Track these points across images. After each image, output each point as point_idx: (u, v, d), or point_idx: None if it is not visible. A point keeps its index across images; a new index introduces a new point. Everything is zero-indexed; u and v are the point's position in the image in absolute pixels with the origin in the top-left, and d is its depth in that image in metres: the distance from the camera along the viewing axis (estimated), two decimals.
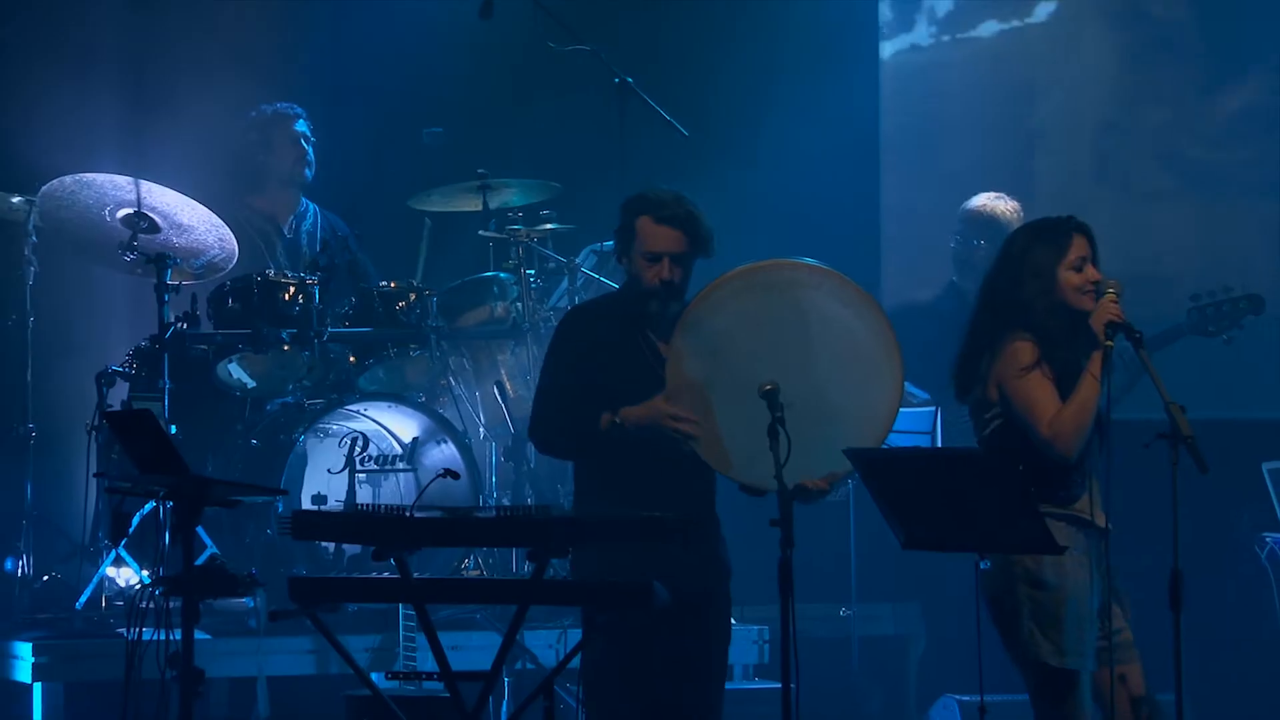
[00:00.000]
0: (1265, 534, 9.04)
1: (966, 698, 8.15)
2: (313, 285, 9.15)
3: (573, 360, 7.39)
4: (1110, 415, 7.03)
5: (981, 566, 7.06)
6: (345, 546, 8.82)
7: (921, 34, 10.75)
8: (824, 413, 7.21)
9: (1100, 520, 7.04)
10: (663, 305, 7.32)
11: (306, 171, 9.99)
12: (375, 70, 10.29)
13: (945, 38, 10.73)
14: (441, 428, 9.20)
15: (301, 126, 9.96)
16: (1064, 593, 7.07)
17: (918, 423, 9.05)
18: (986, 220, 9.85)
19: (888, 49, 10.75)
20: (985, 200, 9.91)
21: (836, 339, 7.32)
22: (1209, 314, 8.76)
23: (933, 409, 9.17)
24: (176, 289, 9.11)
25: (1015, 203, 9.89)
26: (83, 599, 8.75)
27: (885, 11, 10.79)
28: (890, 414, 7.32)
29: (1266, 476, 9.08)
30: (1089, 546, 7.06)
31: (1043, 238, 7.19)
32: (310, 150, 9.95)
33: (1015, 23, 10.72)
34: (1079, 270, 7.11)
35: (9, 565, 9.06)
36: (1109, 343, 7.02)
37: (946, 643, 9.11)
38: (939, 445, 9.06)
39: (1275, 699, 8.93)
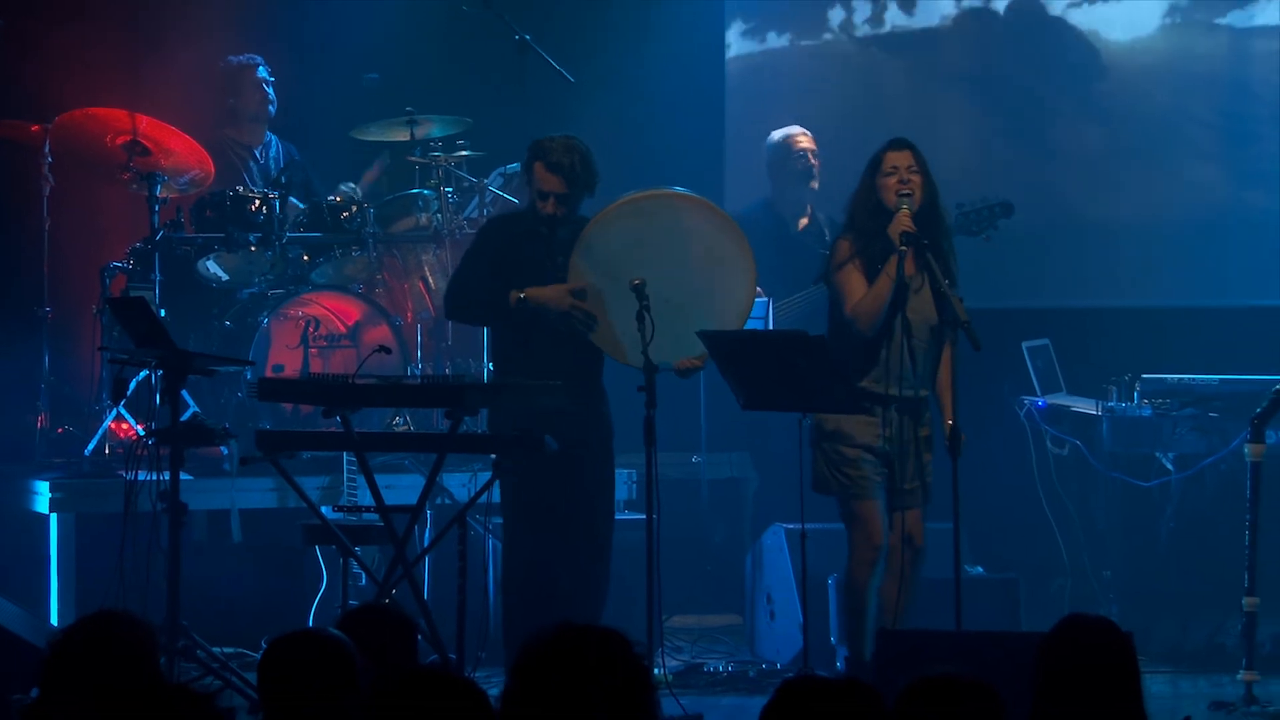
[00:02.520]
0: (1024, 397, 9.13)
1: (791, 525, 8.22)
2: (274, 199, 9.11)
3: (489, 254, 7.43)
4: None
5: (804, 423, 7.14)
6: (300, 406, 8.79)
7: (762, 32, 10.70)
8: (696, 307, 7.29)
9: (892, 391, 7.12)
10: (551, 231, 7.38)
11: (270, 108, 9.88)
12: (325, 25, 10.19)
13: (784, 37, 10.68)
14: (377, 312, 9.18)
15: (262, 73, 9.83)
16: (844, 443, 7.17)
17: (754, 309, 9.07)
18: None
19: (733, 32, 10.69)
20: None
21: (704, 251, 7.40)
22: (971, 218, 8.75)
23: (765, 299, 9.19)
24: (165, 201, 9.09)
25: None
26: (90, 447, 8.71)
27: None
28: (748, 305, 7.43)
29: (1025, 353, 9.16)
30: (879, 411, 7.15)
31: (870, 159, 7.29)
32: (270, 90, 9.85)
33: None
34: (890, 176, 7.19)
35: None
36: (903, 248, 7.10)
37: (775, 483, 9.17)
38: (770, 328, 9.10)
39: (1030, 528, 9.02)
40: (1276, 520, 8.56)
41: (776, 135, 9.86)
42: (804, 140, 9.78)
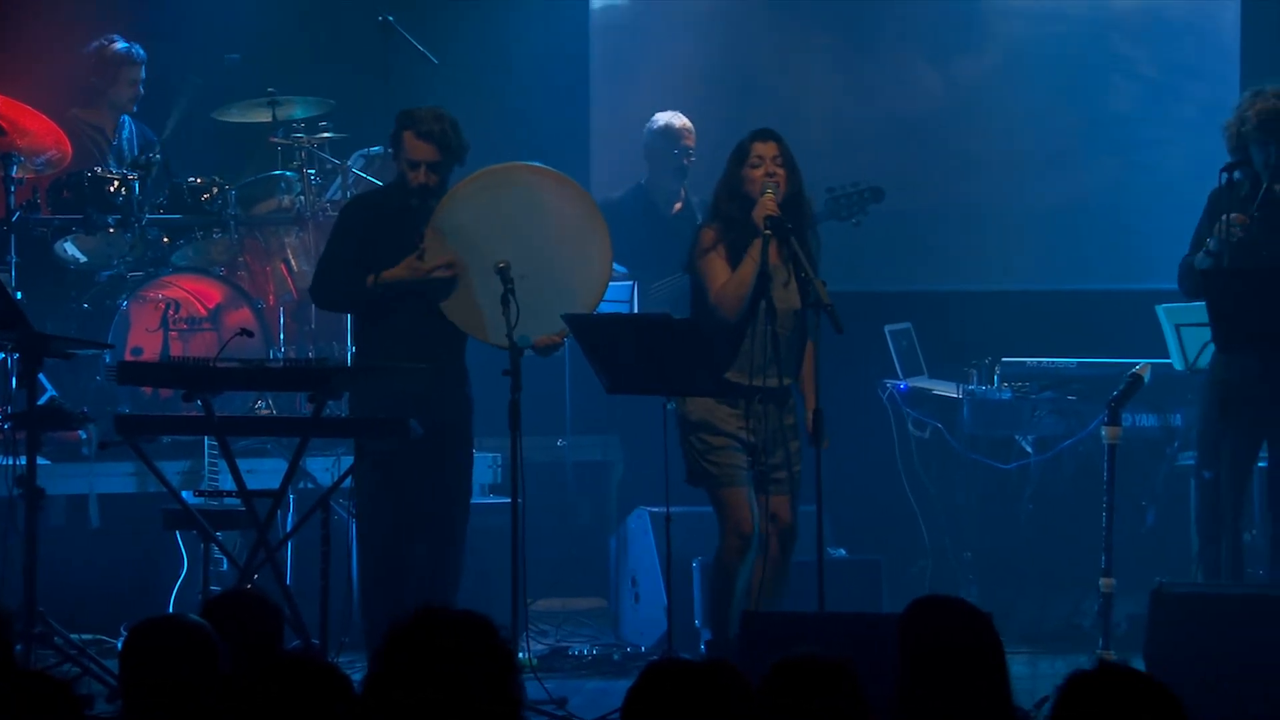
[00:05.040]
0: (886, 380, 9.19)
1: (656, 509, 8.24)
2: (133, 180, 9.01)
3: (351, 239, 7.39)
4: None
5: (668, 408, 7.15)
6: (160, 390, 8.71)
7: None
8: (552, 282, 7.26)
9: (756, 381, 7.14)
10: (422, 202, 7.34)
11: (134, 106, 9.76)
12: (186, 5, 10.08)
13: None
14: (239, 295, 9.11)
15: (143, 73, 9.72)
16: (710, 432, 7.19)
17: (619, 293, 9.07)
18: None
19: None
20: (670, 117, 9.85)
21: (558, 224, 7.37)
22: (842, 202, 8.78)
23: (631, 282, 9.20)
24: (21, 182, 8.95)
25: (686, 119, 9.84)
26: None
27: None
28: (602, 281, 7.42)
29: (887, 336, 9.23)
30: (742, 404, 7.17)
31: (736, 147, 7.29)
32: (141, 88, 9.71)
33: None
34: (755, 168, 7.20)
35: None
36: (767, 232, 7.12)
37: (640, 467, 9.19)
38: (636, 311, 9.11)
39: (891, 510, 9.09)
40: (1132, 502, 8.70)
41: (660, 120, 9.78)
42: (688, 138, 9.74)
